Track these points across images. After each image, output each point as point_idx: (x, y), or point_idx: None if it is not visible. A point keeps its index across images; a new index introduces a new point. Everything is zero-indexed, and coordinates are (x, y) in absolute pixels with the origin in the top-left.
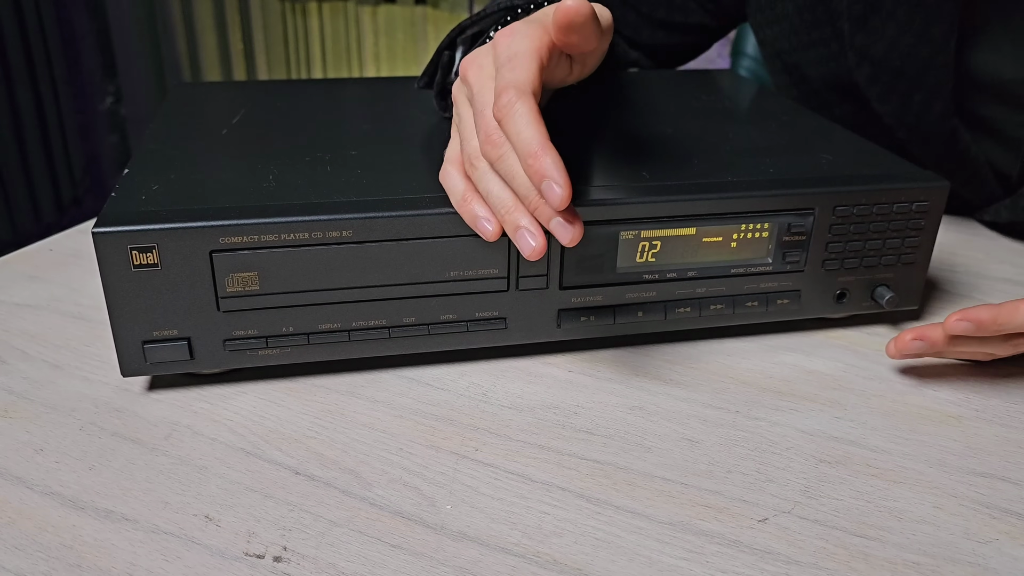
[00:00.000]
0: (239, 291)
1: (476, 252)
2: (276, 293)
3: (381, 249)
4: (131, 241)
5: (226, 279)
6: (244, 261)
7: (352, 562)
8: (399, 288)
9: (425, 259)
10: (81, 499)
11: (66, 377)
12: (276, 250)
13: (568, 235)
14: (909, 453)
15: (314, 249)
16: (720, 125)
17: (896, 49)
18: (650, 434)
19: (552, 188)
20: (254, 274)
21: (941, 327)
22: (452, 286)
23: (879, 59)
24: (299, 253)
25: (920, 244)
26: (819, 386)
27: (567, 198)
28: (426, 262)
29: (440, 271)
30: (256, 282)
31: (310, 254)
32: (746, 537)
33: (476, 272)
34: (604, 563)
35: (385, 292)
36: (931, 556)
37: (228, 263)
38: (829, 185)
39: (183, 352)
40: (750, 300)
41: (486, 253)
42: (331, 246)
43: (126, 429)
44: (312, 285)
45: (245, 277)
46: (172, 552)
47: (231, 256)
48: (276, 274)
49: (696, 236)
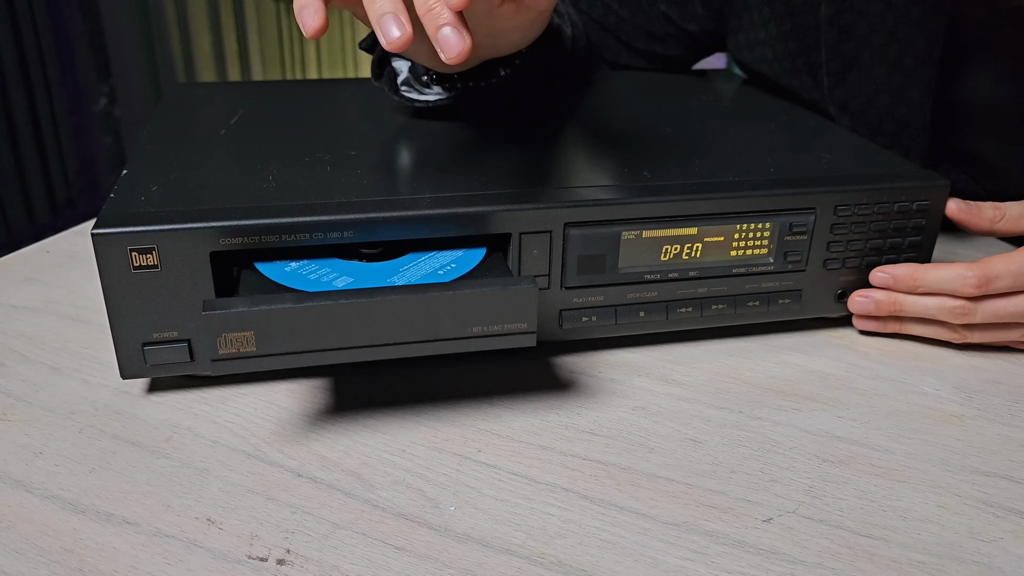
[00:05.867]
0: (233, 353)
1: (502, 305)
2: (275, 355)
3: (395, 303)
4: (131, 242)
5: (218, 340)
6: (240, 320)
7: (356, 564)
8: (414, 346)
9: (445, 313)
10: (81, 502)
11: (65, 380)
12: (274, 308)
13: (456, 48)
14: (912, 452)
15: (318, 305)
16: (719, 125)
17: (873, 107)
18: (653, 434)
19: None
20: (250, 334)
21: None
22: (475, 343)
23: (857, 113)
24: (301, 311)
25: (921, 243)
26: (821, 386)
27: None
28: (446, 317)
29: (462, 327)
30: (252, 343)
31: (313, 310)
32: (751, 537)
33: (503, 327)
34: (609, 564)
35: (398, 351)
36: (936, 555)
37: (220, 323)
38: (830, 184)
39: (183, 354)
40: (751, 300)
41: (513, 306)
42: (338, 301)
43: (126, 432)
44: (316, 345)
45: (240, 337)
46: (174, 555)
47: (223, 315)
48: (275, 333)
49: (698, 236)
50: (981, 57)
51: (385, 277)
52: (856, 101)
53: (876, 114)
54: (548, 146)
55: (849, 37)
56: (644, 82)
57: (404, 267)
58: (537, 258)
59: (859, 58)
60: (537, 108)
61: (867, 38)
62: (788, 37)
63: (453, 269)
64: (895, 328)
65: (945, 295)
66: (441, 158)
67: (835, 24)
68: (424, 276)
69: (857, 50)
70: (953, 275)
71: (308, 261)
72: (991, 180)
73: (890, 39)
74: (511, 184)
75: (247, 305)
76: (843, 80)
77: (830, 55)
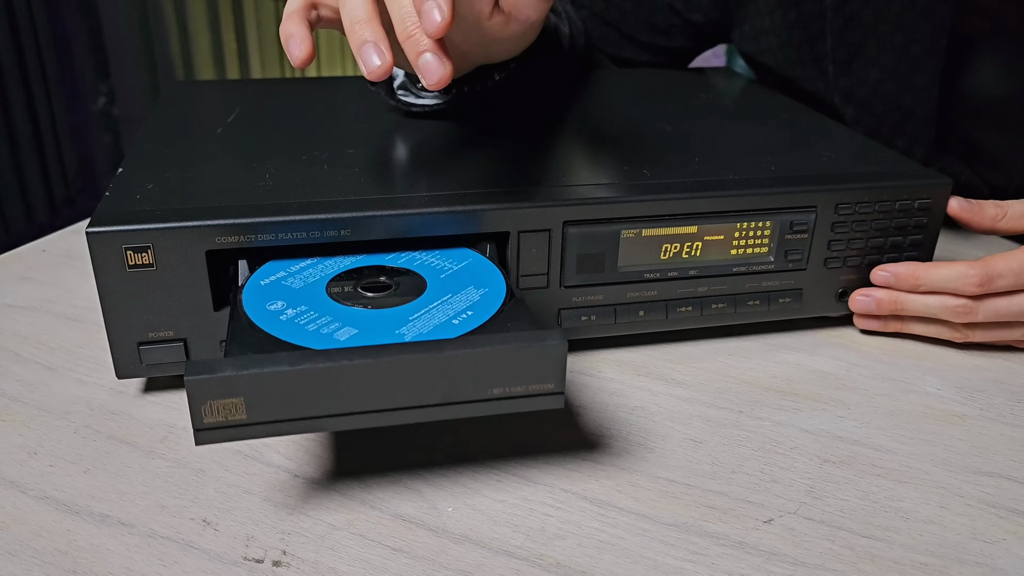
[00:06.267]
0: (220, 422)
1: (528, 363)
2: (269, 423)
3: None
4: (126, 241)
5: (203, 408)
6: (228, 385)
7: (353, 566)
8: (425, 411)
9: (462, 374)
10: (76, 503)
11: (60, 379)
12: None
13: (437, 75)
14: (914, 452)
15: (319, 368)
16: (719, 123)
17: (878, 95)
18: (653, 434)
19: (432, 12)
20: (239, 400)
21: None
22: (495, 406)
23: (862, 102)
24: (299, 375)
25: (923, 242)
26: (822, 385)
27: (446, 27)
28: (464, 377)
29: (481, 388)
30: (242, 410)
31: (313, 374)
32: (752, 538)
33: (527, 388)
34: (608, 565)
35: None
36: (938, 557)
37: (206, 389)
38: (831, 183)
39: (179, 353)
40: (752, 299)
41: (540, 364)
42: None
43: (121, 432)
44: (316, 411)
45: (228, 405)
46: (169, 557)
47: (209, 381)
48: (269, 399)
49: (698, 234)
50: (987, 47)
51: (393, 328)
52: (861, 90)
53: (881, 103)
54: (547, 144)
55: (855, 25)
56: (643, 80)
57: (414, 315)
58: (536, 257)
59: (864, 46)
60: (536, 106)
61: (873, 26)
62: (793, 26)
63: (469, 318)
64: (896, 327)
65: (947, 294)
66: (439, 156)
67: (841, 12)
68: (437, 327)
69: (863, 38)
70: (955, 274)
71: (307, 309)
72: (994, 173)
73: (896, 27)
74: (509, 182)
75: (236, 368)
76: (848, 69)
77: (835, 43)
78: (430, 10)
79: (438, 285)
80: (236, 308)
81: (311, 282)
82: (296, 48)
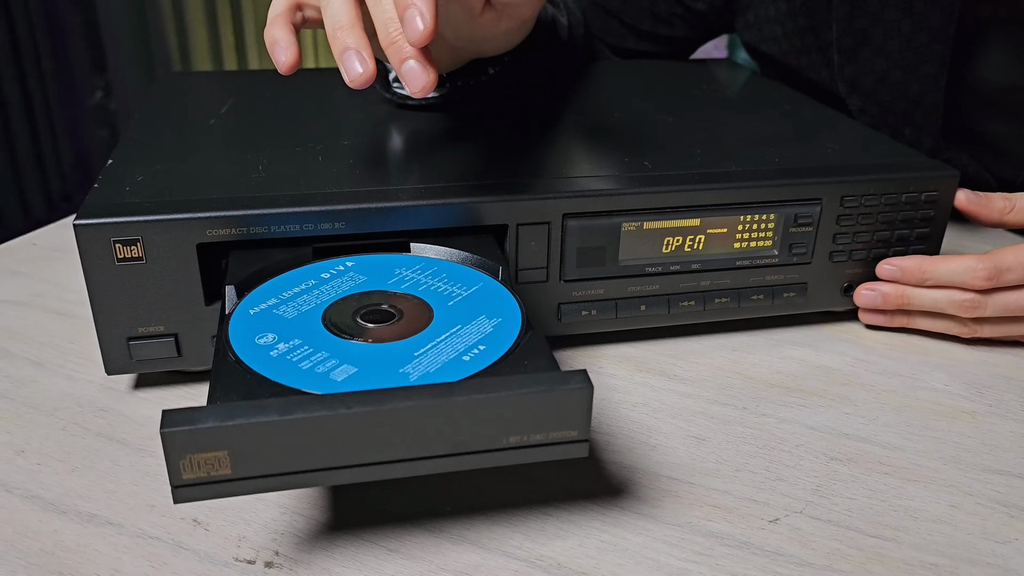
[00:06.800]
0: (201, 478)
1: (548, 410)
2: (257, 478)
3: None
4: (114, 233)
5: (182, 463)
6: (211, 438)
7: (347, 567)
8: (432, 462)
9: (475, 422)
10: (63, 502)
11: (48, 375)
12: (255, 423)
13: (420, 83)
14: (922, 450)
15: (313, 417)
16: (722, 115)
17: (885, 84)
18: (654, 432)
19: (415, 19)
20: (223, 454)
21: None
22: (511, 455)
23: (868, 91)
24: (291, 425)
25: (930, 235)
26: (828, 381)
27: (428, 35)
28: (476, 426)
29: (495, 437)
30: (227, 465)
31: (307, 424)
32: (757, 538)
33: (547, 436)
34: (610, 566)
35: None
36: (949, 557)
37: (185, 442)
38: (836, 175)
39: (170, 349)
40: (755, 293)
41: (562, 410)
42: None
43: (111, 429)
44: (310, 464)
45: (211, 459)
46: (158, 558)
47: (189, 433)
48: (257, 452)
49: (701, 227)
50: (996, 34)
51: (396, 366)
52: (867, 79)
53: (888, 91)
54: (546, 136)
55: (861, 12)
56: (644, 71)
57: (420, 350)
58: (535, 250)
59: (871, 34)
60: (535, 98)
61: (879, 13)
62: (798, 13)
63: (481, 353)
64: (902, 322)
65: (954, 288)
66: (436, 148)
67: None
68: (445, 364)
69: (869, 25)
70: (963, 267)
71: (301, 343)
72: (1002, 165)
73: (903, 13)
74: (508, 174)
75: (219, 418)
76: (854, 57)
77: (841, 31)
78: (412, 18)
79: (446, 314)
80: (222, 342)
81: (305, 311)
82: (281, 54)
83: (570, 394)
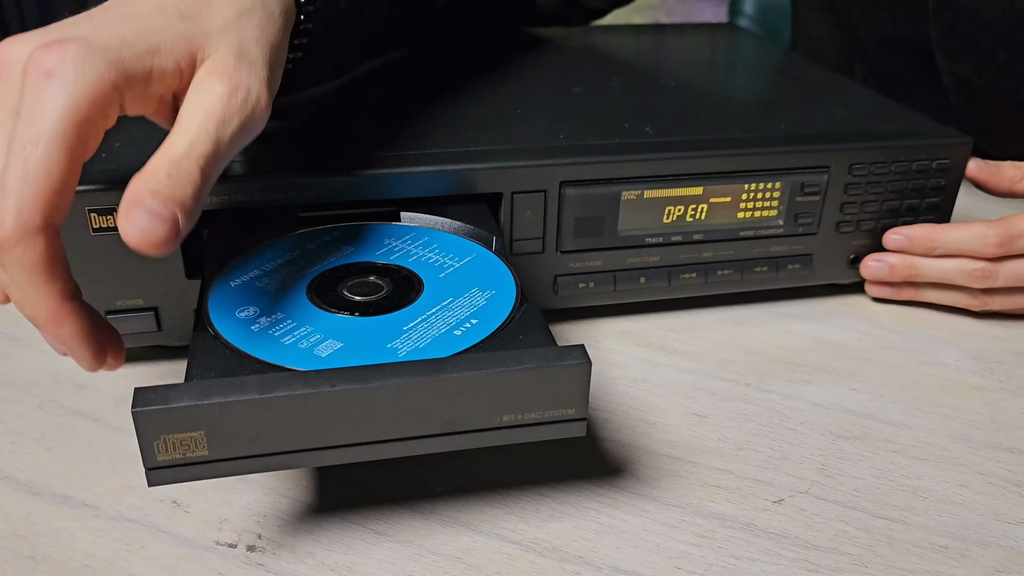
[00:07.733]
0: (177, 459)
1: (544, 387)
2: (235, 459)
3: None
4: (90, 203)
5: (155, 443)
6: (187, 417)
7: (332, 551)
8: (422, 442)
9: (468, 400)
10: (37, 483)
11: (24, 350)
12: (233, 401)
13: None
14: (931, 427)
15: (294, 395)
16: (726, 79)
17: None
18: (654, 409)
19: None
20: (199, 434)
21: None
22: (504, 435)
23: (967, 9)
24: (271, 403)
25: (940, 205)
26: (833, 356)
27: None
28: (469, 404)
29: (489, 416)
30: (203, 446)
31: (287, 402)
32: (761, 520)
33: (543, 414)
34: (608, 550)
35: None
36: (959, 539)
37: (158, 422)
38: (844, 141)
39: (150, 323)
40: (759, 265)
41: (559, 388)
42: (320, 389)
43: (88, 407)
44: (291, 445)
45: (186, 439)
46: (135, 541)
47: (163, 413)
48: (235, 433)
49: (703, 196)
50: None
51: (384, 340)
52: None
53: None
54: (543, 102)
55: None
56: (645, 35)
57: (409, 324)
58: (530, 220)
59: None
60: (533, 63)
61: None
62: None
63: (473, 328)
64: (910, 295)
65: (964, 256)
66: (428, 113)
67: None
68: (436, 339)
69: None
70: (973, 234)
71: (284, 317)
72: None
73: None
74: (502, 140)
75: (195, 397)
76: None
77: None
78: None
79: (437, 286)
80: (201, 316)
81: (290, 283)
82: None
83: (567, 370)
